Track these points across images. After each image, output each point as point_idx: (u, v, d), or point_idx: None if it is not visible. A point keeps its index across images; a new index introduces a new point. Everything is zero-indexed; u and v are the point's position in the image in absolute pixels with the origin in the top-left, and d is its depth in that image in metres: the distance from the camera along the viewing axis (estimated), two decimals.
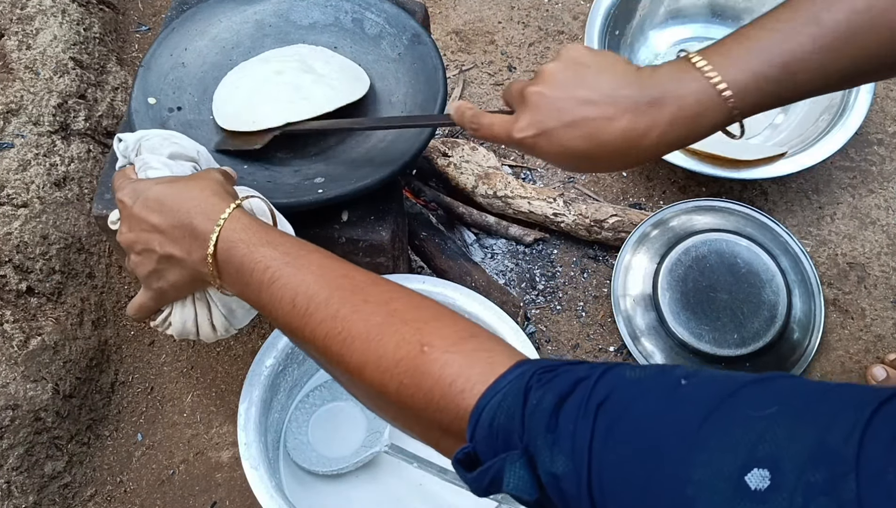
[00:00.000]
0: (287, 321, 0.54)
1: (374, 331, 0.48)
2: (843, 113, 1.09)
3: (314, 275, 0.53)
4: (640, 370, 0.39)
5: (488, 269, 1.10)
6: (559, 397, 0.39)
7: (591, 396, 0.38)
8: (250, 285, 0.56)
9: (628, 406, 0.37)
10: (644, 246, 1.06)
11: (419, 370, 0.45)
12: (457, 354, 0.45)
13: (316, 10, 0.96)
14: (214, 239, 0.57)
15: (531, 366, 0.43)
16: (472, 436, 0.42)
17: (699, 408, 0.34)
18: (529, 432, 0.39)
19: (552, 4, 1.38)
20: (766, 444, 0.31)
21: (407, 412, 0.47)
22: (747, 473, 0.30)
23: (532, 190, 1.09)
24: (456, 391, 0.44)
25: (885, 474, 0.28)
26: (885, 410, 0.30)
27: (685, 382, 0.37)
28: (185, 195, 0.60)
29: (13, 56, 1.04)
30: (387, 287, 0.53)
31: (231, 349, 1.04)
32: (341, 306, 0.51)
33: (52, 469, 0.91)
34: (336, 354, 0.50)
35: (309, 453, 0.88)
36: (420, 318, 0.49)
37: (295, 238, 0.59)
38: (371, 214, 0.84)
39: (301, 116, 0.82)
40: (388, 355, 0.47)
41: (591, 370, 0.40)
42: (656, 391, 0.37)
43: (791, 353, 1.01)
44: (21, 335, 0.89)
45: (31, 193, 0.96)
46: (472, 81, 1.29)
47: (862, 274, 1.09)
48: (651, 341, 1.02)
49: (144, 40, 1.32)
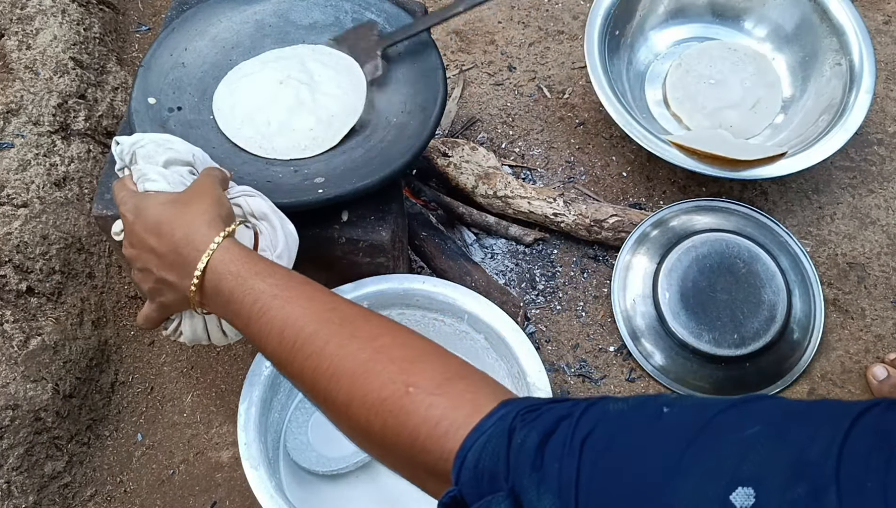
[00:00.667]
0: (275, 355, 0.54)
1: (361, 369, 0.48)
2: (843, 113, 1.09)
3: (302, 308, 0.53)
4: (622, 402, 0.39)
5: (488, 269, 1.10)
6: (543, 435, 0.39)
7: (574, 432, 0.38)
8: (240, 315, 0.57)
9: (612, 439, 0.37)
10: (644, 246, 1.05)
11: (404, 410, 0.46)
12: (442, 396, 0.45)
13: (316, 10, 0.96)
14: (200, 271, 0.58)
15: (515, 406, 0.43)
16: (458, 479, 0.42)
17: (682, 435, 0.35)
18: (515, 472, 0.39)
19: (552, 4, 1.38)
20: (748, 463, 0.31)
21: (392, 451, 0.47)
22: (732, 493, 0.31)
23: (532, 190, 1.09)
24: (440, 433, 0.44)
25: (864, 484, 0.28)
26: (862, 422, 0.31)
27: (667, 410, 0.37)
28: (179, 222, 0.60)
29: (13, 56, 1.04)
30: (376, 322, 0.53)
31: (231, 348, 1.04)
32: (328, 342, 0.51)
33: (52, 469, 0.91)
34: (323, 390, 0.50)
35: (309, 453, 0.88)
36: (407, 357, 0.49)
37: (285, 270, 0.59)
38: (371, 214, 0.84)
39: (311, 153, 0.86)
40: (373, 393, 0.47)
41: (573, 408, 0.40)
42: (639, 422, 0.38)
43: (791, 353, 1.01)
44: (21, 335, 0.89)
45: (31, 193, 0.96)
46: (472, 81, 1.29)
47: (862, 274, 1.09)
48: (651, 341, 1.02)
49: (144, 40, 1.32)
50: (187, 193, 0.65)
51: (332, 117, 0.87)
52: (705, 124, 1.18)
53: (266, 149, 0.85)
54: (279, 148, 0.85)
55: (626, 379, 1.03)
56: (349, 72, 0.91)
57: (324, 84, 0.89)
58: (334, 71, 0.90)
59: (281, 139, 0.86)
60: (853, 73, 1.12)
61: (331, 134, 0.87)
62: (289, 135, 0.86)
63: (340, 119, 0.87)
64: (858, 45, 1.13)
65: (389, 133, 0.87)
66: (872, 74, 1.10)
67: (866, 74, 1.11)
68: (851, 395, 1.01)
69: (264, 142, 0.86)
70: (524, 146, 1.22)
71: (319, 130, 0.87)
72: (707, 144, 1.08)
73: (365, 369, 0.48)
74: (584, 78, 1.28)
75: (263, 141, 0.86)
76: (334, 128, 0.87)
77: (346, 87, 0.89)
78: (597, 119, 1.24)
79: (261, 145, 0.85)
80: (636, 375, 1.03)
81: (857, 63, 1.12)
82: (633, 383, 1.03)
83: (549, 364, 1.04)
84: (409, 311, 0.90)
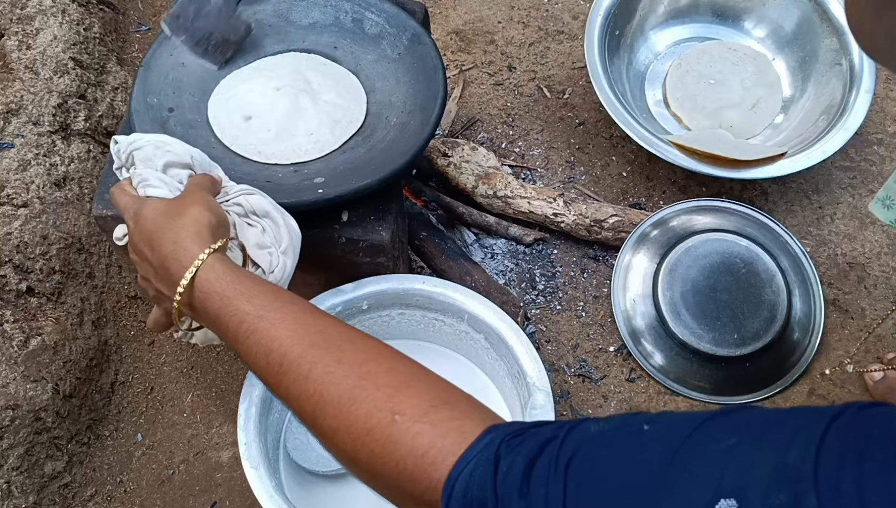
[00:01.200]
0: (263, 377, 0.54)
1: (346, 396, 0.48)
2: (842, 113, 1.09)
3: (288, 330, 0.53)
4: (603, 422, 0.40)
5: (488, 269, 1.10)
6: (528, 460, 0.39)
7: (559, 455, 0.38)
8: (227, 334, 0.56)
9: (595, 459, 0.37)
10: (644, 246, 1.05)
11: (390, 439, 0.45)
12: (428, 424, 0.45)
13: (316, 10, 0.96)
14: (182, 288, 0.57)
15: (500, 432, 0.43)
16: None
17: (663, 452, 0.35)
18: (502, 500, 0.39)
19: (552, 4, 1.38)
20: (730, 474, 0.32)
21: (379, 480, 0.47)
22: (715, 505, 0.31)
23: (532, 190, 1.09)
24: (428, 463, 0.43)
25: (840, 486, 0.29)
26: (836, 424, 0.31)
27: (647, 428, 0.38)
28: (167, 235, 0.60)
29: (13, 56, 1.04)
30: (362, 345, 0.52)
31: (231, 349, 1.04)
32: (314, 367, 0.50)
33: (52, 469, 0.91)
34: (310, 415, 0.50)
35: (309, 453, 0.88)
36: (392, 383, 0.48)
37: (272, 288, 0.58)
38: (371, 214, 0.84)
39: (312, 157, 0.86)
40: (359, 422, 0.47)
41: (556, 431, 0.40)
42: (621, 440, 0.38)
43: (791, 353, 1.01)
44: (21, 335, 0.89)
45: (31, 193, 0.96)
46: (472, 81, 1.29)
47: (862, 274, 1.09)
48: (651, 341, 1.02)
49: (144, 40, 1.32)
50: (176, 202, 0.64)
51: (334, 123, 0.88)
52: (705, 124, 1.18)
53: (265, 154, 0.85)
54: (279, 153, 0.86)
55: (626, 379, 1.03)
56: (347, 80, 0.92)
57: (324, 92, 0.89)
58: (333, 80, 0.91)
59: (281, 144, 0.86)
60: (853, 73, 1.12)
61: (332, 139, 0.87)
62: (289, 140, 0.86)
63: (342, 125, 0.88)
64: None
65: (389, 133, 0.87)
66: (872, 74, 1.11)
67: (866, 74, 1.11)
68: (851, 395, 1.01)
69: (263, 147, 0.86)
70: (524, 146, 1.22)
71: (321, 135, 0.87)
72: (707, 144, 1.08)
73: (351, 395, 0.48)
74: (584, 78, 1.28)
75: (263, 147, 0.86)
76: (336, 134, 0.87)
77: (346, 94, 0.90)
78: (597, 119, 1.24)
79: (260, 151, 0.85)
80: (636, 375, 1.03)
81: (857, 63, 1.12)
82: (633, 383, 1.03)
83: (549, 364, 1.04)
84: (409, 311, 0.90)
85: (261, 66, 0.92)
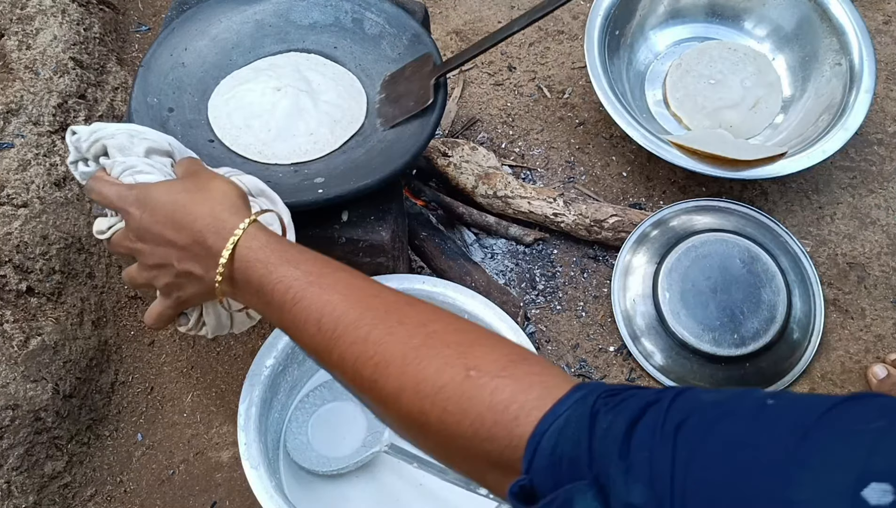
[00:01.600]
0: (312, 345, 0.50)
1: (412, 354, 0.45)
2: (843, 113, 1.09)
3: (341, 295, 0.50)
4: (715, 393, 0.37)
5: (488, 269, 1.10)
6: (630, 421, 0.36)
7: (665, 419, 0.35)
8: (271, 304, 0.53)
9: (710, 429, 0.34)
10: (644, 246, 1.05)
11: (465, 396, 0.42)
12: (508, 378, 0.42)
13: (316, 10, 0.96)
14: (225, 258, 0.55)
15: (593, 388, 0.40)
16: (529, 466, 0.39)
17: (794, 427, 0.32)
18: (600, 459, 0.36)
19: None
20: (880, 457, 0.29)
21: (450, 442, 0.43)
22: (864, 488, 0.28)
23: (532, 190, 1.09)
24: (509, 418, 0.40)
25: None
26: None
27: (771, 402, 0.34)
28: (198, 211, 0.57)
29: (13, 56, 1.04)
30: (423, 307, 0.49)
31: (231, 348, 1.04)
32: (373, 329, 0.47)
33: (52, 469, 0.91)
34: (368, 380, 0.46)
35: (309, 453, 0.88)
36: (463, 341, 0.45)
37: (317, 255, 0.55)
38: (371, 214, 0.84)
39: (312, 157, 0.86)
40: (428, 380, 0.43)
41: (660, 394, 0.37)
42: (740, 413, 0.34)
43: (791, 353, 1.01)
44: (21, 335, 0.89)
45: (31, 193, 0.96)
46: (472, 81, 1.29)
47: (862, 274, 1.09)
48: (651, 341, 1.02)
49: (144, 40, 1.32)
50: (192, 180, 0.61)
51: (335, 123, 0.88)
52: (705, 124, 1.18)
53: (266, 155, 0.86)
54: (279, 153, 0.86)
55: (626, 379, 1.03)
56: (347, 81, 0.92)
57: (324, 92, 0.90)
58: (333, 80, 0.91)
59: (281, 144, 0.86)
60: (853, 73, 1.12)
61: (333, 139, 0.87)
62: (289, 140, 0.86)
63: (342, 125, 0.88)
64: (858, 45, 1.13)
65: (389, 133, 0.87)
66: (872, 74, 1.11)
67: (866, 73, 1.11)
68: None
69: (264, 148, 0.86)
70: (524, 146, 1.22)
71: (321, 135, 0.87)
72: (707, 144, 1.08)
73: (417, 354, 0.44)
74: (584, 78, 1.28)
75: (263, 147, 0.86)
76: (336, 134, 0.87)
77: (346, 94, 0.90)
78: (597, 119, 1.24)
79: (260, 151, 0.86)
80: (636, 375, 1.03)
81: (857, 63, 1.12)
82: (633, 383, 1.03)
83: None
84: None
85: (261, 66, 0.93)
